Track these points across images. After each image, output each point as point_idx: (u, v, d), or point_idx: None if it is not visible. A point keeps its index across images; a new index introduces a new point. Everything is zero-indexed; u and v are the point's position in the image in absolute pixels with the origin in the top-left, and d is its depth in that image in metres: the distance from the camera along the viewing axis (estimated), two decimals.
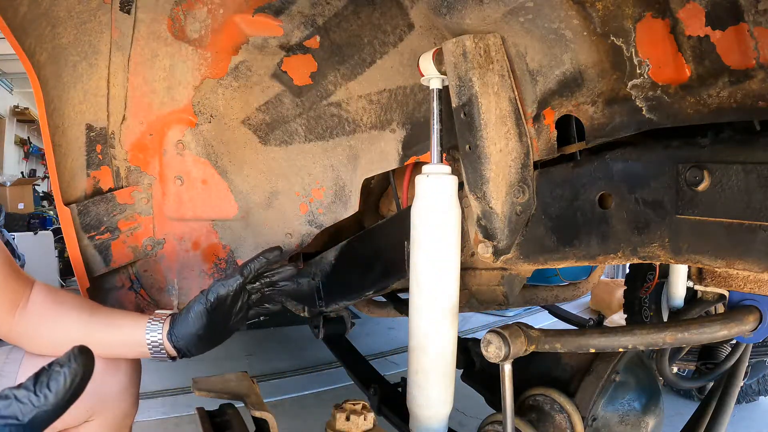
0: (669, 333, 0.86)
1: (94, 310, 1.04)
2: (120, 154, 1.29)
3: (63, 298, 1.04)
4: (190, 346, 1.00)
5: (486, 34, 0.86)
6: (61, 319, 1.00)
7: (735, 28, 0.63)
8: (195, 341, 1.00)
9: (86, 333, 1.00)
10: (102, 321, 1.02)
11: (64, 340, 0.98)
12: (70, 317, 1.01)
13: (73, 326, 1.00)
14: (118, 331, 1.01)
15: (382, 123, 1.24)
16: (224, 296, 1.03)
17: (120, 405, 1.07)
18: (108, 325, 1.02)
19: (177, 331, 1.00)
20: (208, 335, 1.01)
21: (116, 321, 1.03)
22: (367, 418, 0.90)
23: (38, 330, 0.99)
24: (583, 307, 4.28)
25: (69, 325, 1.00)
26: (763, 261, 0.68)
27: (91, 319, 1.01)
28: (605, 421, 1.02)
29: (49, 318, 1.00)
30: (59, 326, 1.00)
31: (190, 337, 1.00)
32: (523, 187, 0.93)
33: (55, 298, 1.03)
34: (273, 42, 1.23)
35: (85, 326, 1.00)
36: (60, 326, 1.00)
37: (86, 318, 1.01)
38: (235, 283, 1.04)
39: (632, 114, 0.79)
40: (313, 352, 3.20)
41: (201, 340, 1.01)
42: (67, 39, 1.15)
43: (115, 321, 1.03)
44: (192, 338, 1.00)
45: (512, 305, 1.46)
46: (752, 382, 2.48)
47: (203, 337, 1.00)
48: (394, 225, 1.29)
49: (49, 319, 1.00)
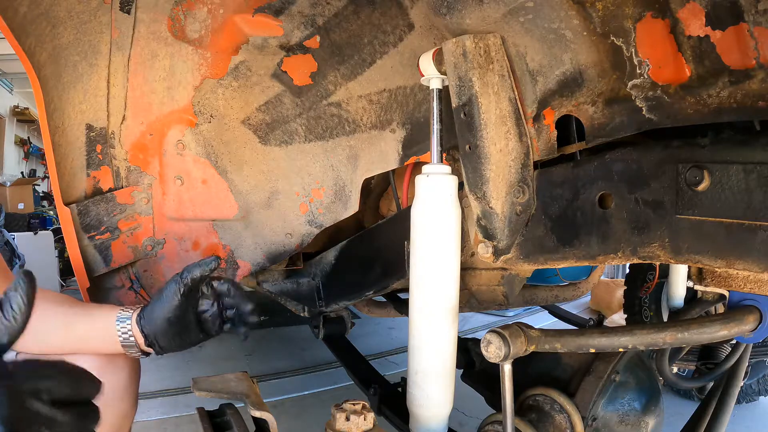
0: (669, 333, 0.86)
1: (74, 305, 1.02)
2: (120, 154, 1.29)
3: (44, 295, 1.04)
4: (159, 333, 0.94)
5: (486, 34, 0.86)
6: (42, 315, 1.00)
7: (735, 28, 0.63)
8: (164, 327, 0.94)
9: (65, 328, 0.98)
10: (79, 315, 1.00)
11: (45, 336, 0.98)
12: (51, 313, 1.00)
13: (53, 322, 0.99)
14: (92, 324, 0.99)
15: (382, 123, 1.24)
16: (198, 279, 0.94)
17: (119, 405, 1.07)
18: (84, 317, 1.00)
19: (146, 314, 0.95)
20: (178, 324, 0.94)
21: (92, 313, 1.01)
22: (367, 418, 0.90)
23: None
24: (583, 307, 4.28)
25: (49, 320, 0.99)
26: (763, 261, 0.68)
27: (69, 313, 1.00)
28: (605, 421, 1.02)
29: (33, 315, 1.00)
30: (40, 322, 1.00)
31: (159, 322, 0.93)
32: (523, 187, 0.93)
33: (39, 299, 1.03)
34: (273, 42, 1.23)
35: (63, 321, 0.99)
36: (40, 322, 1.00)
37: (64, 312, 1.00)
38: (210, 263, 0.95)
39: (632, 114, 0.79)
40: (313, 352, 3.20)
41: (171, 326, 0.93)
42: (67, 39, 1.14)
43: (91, 313, 1.01)
44: (162, 323, 0.93)
45: (512, 305, 1.46)
46: (752, 382, 2.47)
47: (173, 322, 0.93)
48: (394, 225, 1.29)
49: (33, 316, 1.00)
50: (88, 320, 1.00)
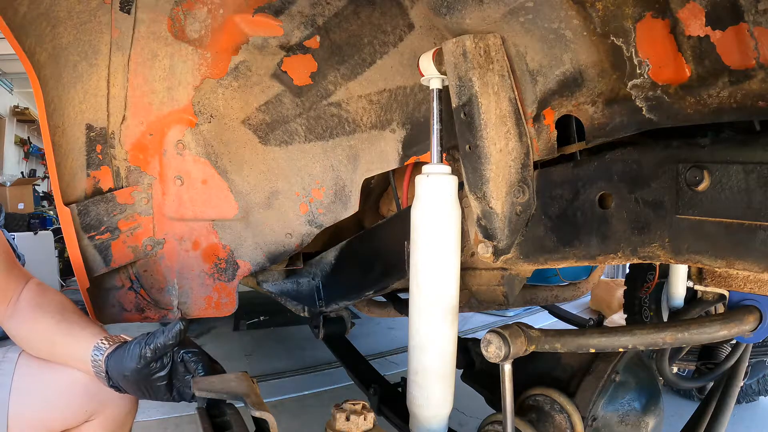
0: (669, 333, 0.86)
1: (64, 318, 1.03)
2: (120, 154, 1.29)
3: (43, 300, 1.05)
4: (121, 381, 0.97)
5: (486, 34, 0.86)
6: (36, 323, 1.03)
7: (735, 28, 0.63)
8: (125, 381, 0.97)
9: (51, 341, 1.01)
10: (64, 331, 1.02)
11: (35, 345, 1.03)
12: (43, 322, 1.02)
13: (43, 332, 1.02)
14: (73, 346, 1.00)
15: (382, 123, 1.24)
16: (161, 347, 0.96)
17: (120, 405, 1.07)
18: (68, 337, 1.01)
19: (112, 360, 0.97)
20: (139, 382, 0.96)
21: (76, 334, 1.02)
22: (367, 418, 0.90)
23: (20, 331, 1.03)
24: (583, 307, 4.28)
25: (40, 330, 1.02)
26: (763, 261, 0.68)
27: (58, 327, 1.02)
28: (605, 421, 1.02)
29: (28, 320, 1.02)
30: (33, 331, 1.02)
31: (119, 374, 0.96)
32: (523, 187, 0.93)
33: (37, 301, 1.05)
34: (273, 42, 1.23)
35: (51, 334, 1.01)
36: (34, 331, 1.02)
37: (54, 325, 1.02)
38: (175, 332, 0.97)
39: (632, 114, 0.79)
40: (313, 352, 3.20)
41: (130, 382, 0.96)
42: (67, 39, 1.14)
43: (76, 334, 1.02)
44: (122, 378, 0.96)
45: (512, 305, 1.46)
46: (752, 382, 2.47)
47: (132, 380, 0.96)
48: (394, 225, 1.29)
49: (28, 320, 1.02)
50: (70, 341, 1.01)
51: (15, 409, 0.97)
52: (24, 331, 1.02)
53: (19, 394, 0.98)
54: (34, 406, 0.99)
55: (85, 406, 1.02)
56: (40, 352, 1.03)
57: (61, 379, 1.01)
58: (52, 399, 1.00)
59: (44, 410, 1.00)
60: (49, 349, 1.02)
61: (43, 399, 1.00)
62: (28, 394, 0.99)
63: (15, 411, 0.97)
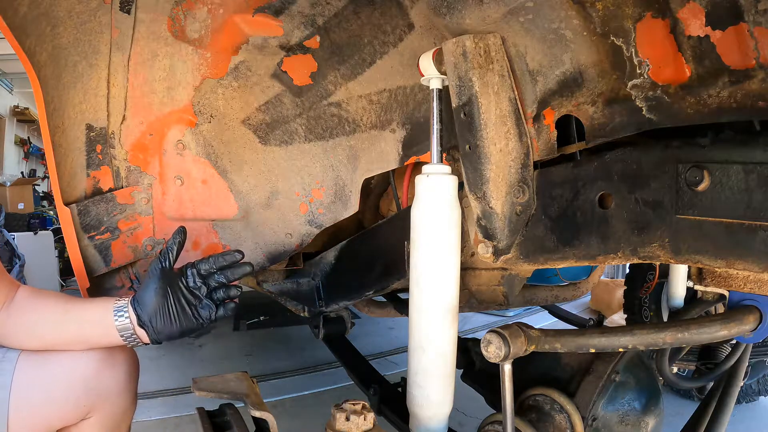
0: (669, 333, 0.86)
1: (69, 301, 1.05)
2: (120, 154, 1.29)
3: (42, 295, 1.06)
4: (151, 311, 0.99)
5: (486, 34, 0.86)
6: (39, 312, 1.02)
7: (735, 28, 0.63)
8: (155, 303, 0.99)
9: (61, 321, 1.01)
10: (75, 307, 1.03)
11: (41, 331, 1.01)
12: (47, 310, 1.02)
13: (48, 316, 1.02)
14: (89, 315, 1.02)
15: (382, 123, 1.24)
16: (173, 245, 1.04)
17: (118, 402, 1.07)
18: (80, 309, 1.03)
19: (138, 296, 1.00)
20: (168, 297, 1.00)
21: (87, 305, 1.04)
22: (367, 418, 0.90)
23: (18, 325, 1.01)
24: (583, 307, 4.28)
25: (46, 317, 1.02)
26: (763, 261, 0.68)
27: (65, 307, 1.02)
28: (605, 421, 1.02)
29: (28, 311, 1.02)
30: (37, 320, 1.02)
31: (149, 300, 0.99)
32: (523, 187, 0.93)
33: (36, 296, 1.05)
34: (273, 42, 1.23)
35: (59, 314, 1.02)
36: (37, 320, 1.02)
37: (61, 306, 1.02)
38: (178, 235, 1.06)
39: (632, 114, 0.79)
40: (313, 352, 3.20)
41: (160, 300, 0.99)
42: (67, 39, 1.14)
43: (87, 306, 1.04)
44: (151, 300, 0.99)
45: (512, 305, 1.46)
46: (752, 382, 2.47)
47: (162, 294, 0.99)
48: (394, 225, 1.29)
49: (28, 312, 1.02)
50: (84, 312, 1.02)
51: (15, 408, 0.97)
52: (26, 322, 1.01)
53: (19, 393, 0.98)
54: (34, 403, 0.99)
55: (83, 400, 1.02)
56: (43, 340, 1.02)
57: (61, 373, 1.01)
58: (52, 394, 1.00)
59: (44, 406, 1.00)
60: (59, 331, 1.02)
61: (43, 395, 1.00)
62: (28, 392, 0.99)
63: (15, 410, 0.97)
